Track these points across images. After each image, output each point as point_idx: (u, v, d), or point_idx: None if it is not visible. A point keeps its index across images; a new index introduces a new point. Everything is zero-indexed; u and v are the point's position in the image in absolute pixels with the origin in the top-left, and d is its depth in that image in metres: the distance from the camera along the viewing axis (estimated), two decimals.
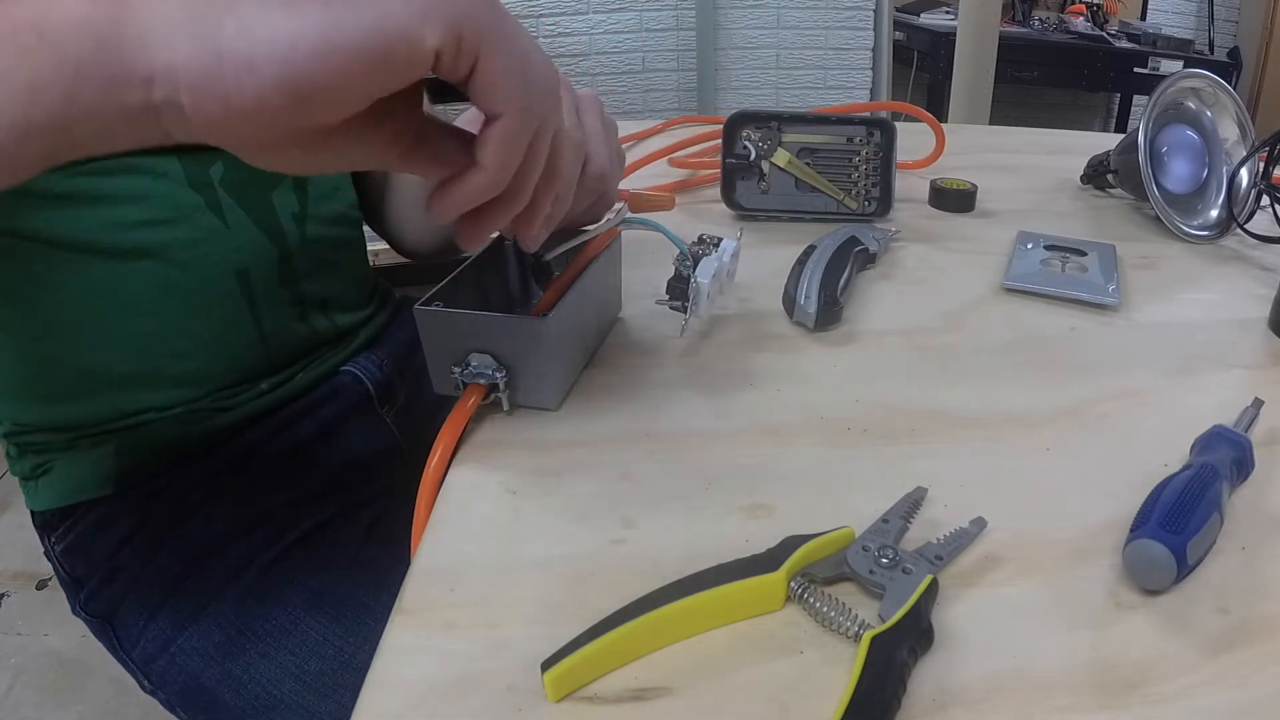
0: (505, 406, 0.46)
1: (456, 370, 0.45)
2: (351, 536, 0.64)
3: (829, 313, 0.55)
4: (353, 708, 0.31)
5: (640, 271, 0.59)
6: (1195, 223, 0.73)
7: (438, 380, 0.46)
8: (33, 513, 0.64)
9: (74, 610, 0.64)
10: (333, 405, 0.70)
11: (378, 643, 0.33)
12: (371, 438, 0.72)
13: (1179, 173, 0.76)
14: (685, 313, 0.51)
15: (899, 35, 2.96)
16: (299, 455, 0.67)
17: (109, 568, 0.61)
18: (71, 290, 0.56)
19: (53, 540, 0.63)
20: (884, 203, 0.72)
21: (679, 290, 0.51)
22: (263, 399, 0.66)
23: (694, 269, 0.51)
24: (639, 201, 0.51)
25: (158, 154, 0.56)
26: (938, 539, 0.37)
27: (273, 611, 0.58)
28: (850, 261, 0.60)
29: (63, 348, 0.58)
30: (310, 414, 0.68)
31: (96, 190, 0.55)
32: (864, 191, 0.73)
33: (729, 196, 0.74)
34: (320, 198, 0.67)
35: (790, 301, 0.56)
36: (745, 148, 0.72)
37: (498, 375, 0.44)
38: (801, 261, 0.59)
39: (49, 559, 0.64)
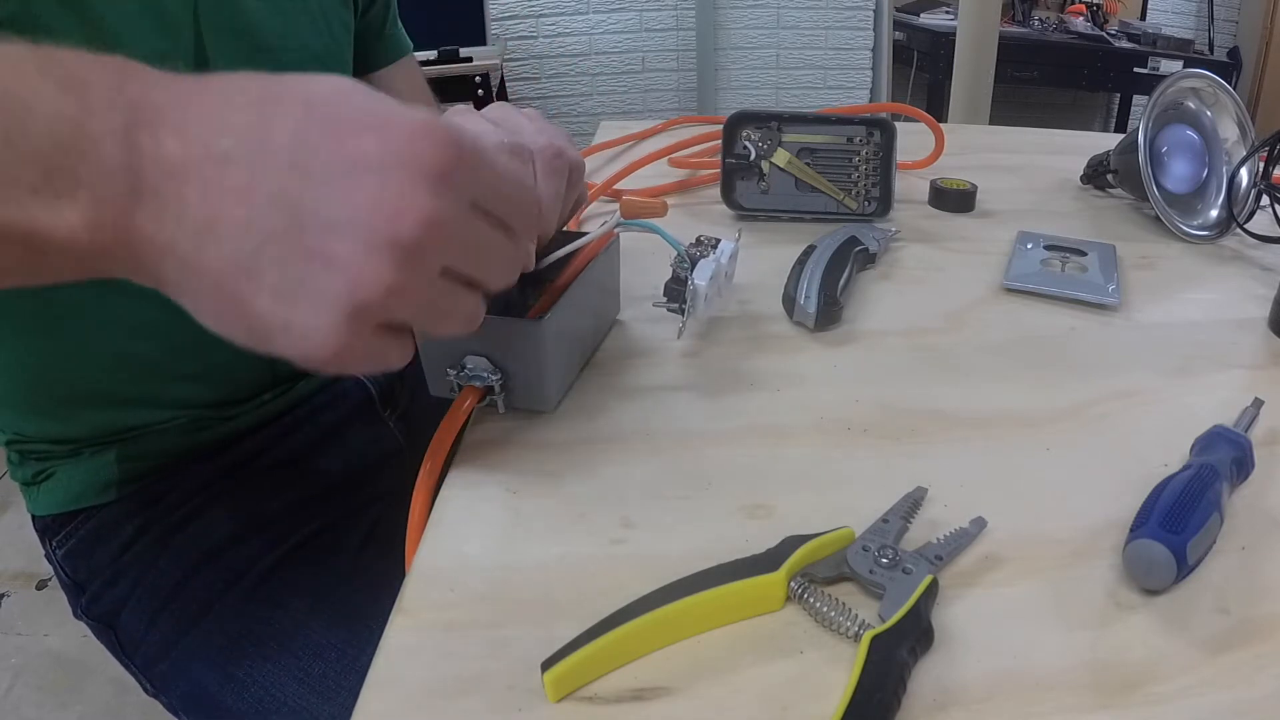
0: (501, 409, 0.46)
1: (452, 373, 0.45)
2: (354, 539, 0.64)
3: (829, 313, 0.55)
4: None
5: (640, 273, 0.59)
6: (1195, 223, 0.73)
7: (433, 383, 0.46)
8: (33, 517, 0.64)
9: (75, 614, 0.64)
10: (335, 410, 0.69)
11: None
12: (374, 441, 0.71)
13: (1179, 173, 0.76)
14: (682, 315, 0.51)
15: (899, 35, 2.96)
16: (301, 460, 0.67)
17: (110, 572, 0.61)
18: (75, 313, 0.56)
19: (54, 544, 0.63)
20: (884, 203, 0.72)
21: (676, 292, 0.51)
22: (265, 407, 0.65)
23: (691, 271, 0.51)
24: (631, 207, 0.51)
25: None
26: (938, 539, 0.37)
27: (275, 615, 0.57)
28: (850, 261, 0.60)
29: (66, 368, 0.58)
30: (313, 419, 0.68)
31: None
32: (864, 191, 0.73)
33: (729, 196, 0.73)
34: None
35: (790, 301, 0.56)
36: (745, 148, 0.72)
37: (493, 378, 0.44)
38: (801, 261, 0.59)
39: (50, 562, 0.64)
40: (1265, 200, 0.72)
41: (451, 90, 2.11)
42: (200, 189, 0.28)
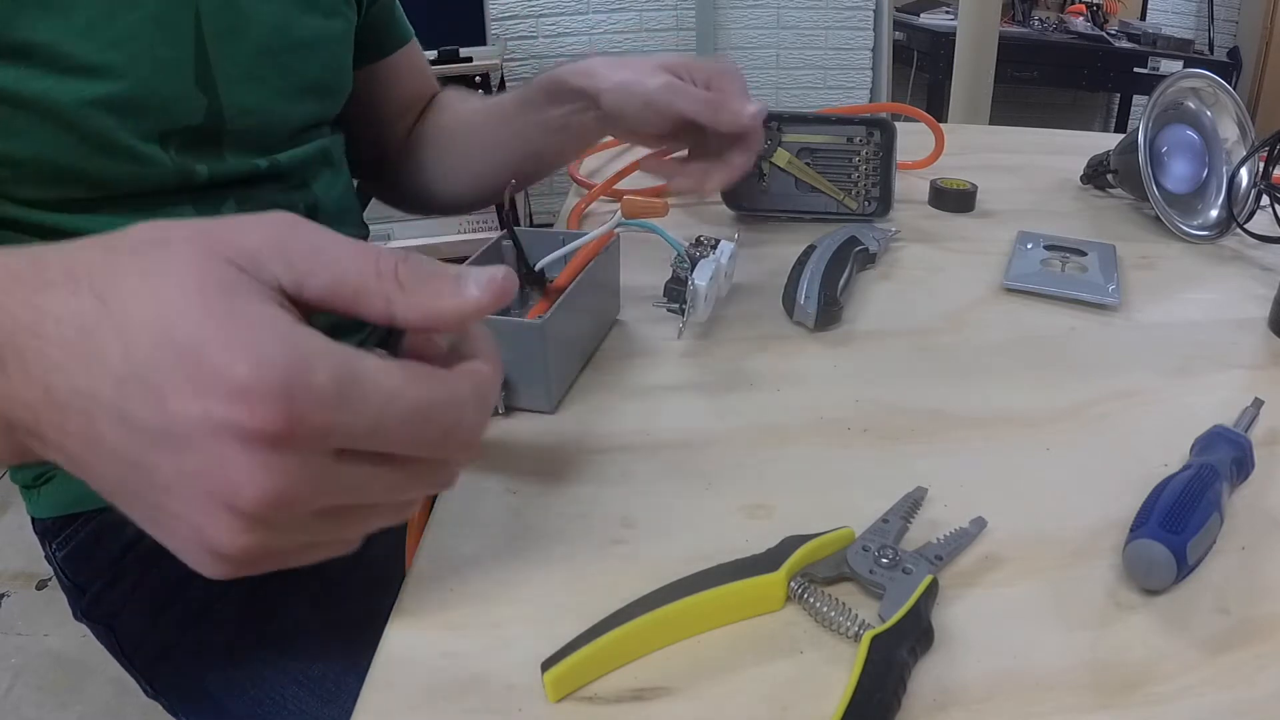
0: (501, 409, 0.46)
1: None
2: None
3: (829, 313, 0.55)
4: None
5: (641, 273, 0.59)
6: (1195, 223, 0.73)
7: None
8: (33, 519, 0.64)
9: (75, 616, 0.64)
10: None
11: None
12: None
13: (1179, 173, 0.76)
14: (682, 315, 0.51)
15: (899, 35, 2.96)
16: None
17: (110, 575, 0.61)
18: None
19: (54, 547, 0.63)
20: (884, 203, 0.72)
21: (676, 293, 0.51)
22: None
23: (691, 271, 0.51)
24: (632, 206, 0.51)
25: (170, 198, 0.56)
26: (938, 539, 0.37)
27: (274, 617, 0.57)
28: (850, 261, 0.60)
29: None
30: None
31: (107, 231, 0.54)
32: (864, 191, 0.73)
33: (729, 196, 0.73)
34: (329, 222, 0.66)
35: (790, 301, 0.56)
36: None
37: None
38: (801, 261, 0.59)
39: (50, 564, 0.64)
40: (1265, 200, 0.72)
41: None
42: (53, 431, 0.26)
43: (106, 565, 0.61)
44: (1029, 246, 0.67)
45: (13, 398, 0.26)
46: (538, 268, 0.50)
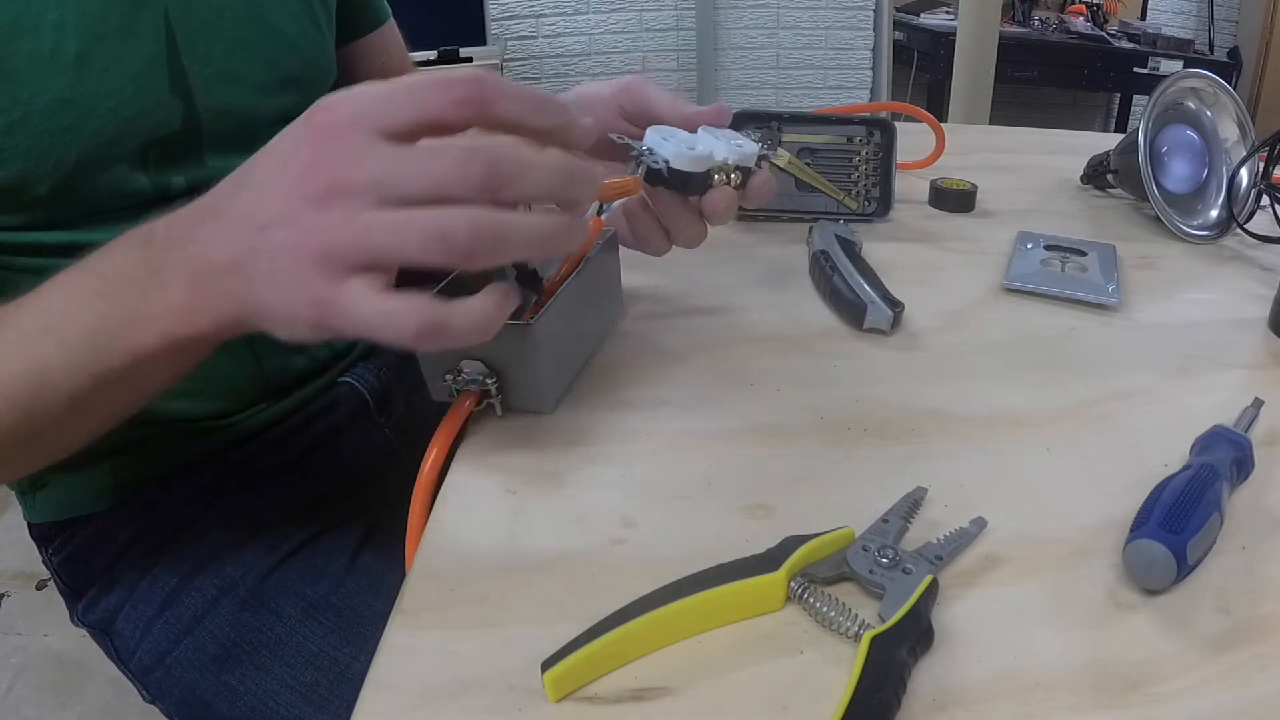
0: (499, 411, 0.46)
1: (449, 377, 0.45)
2: (348, 544, 0.63)
3: (897, 315, 0.55)
4: (349, 718, 0.31)
5: (644, 273, 0.59)
6: (1195, 223, 0.73)
7: (433, 387, 0.46)
8: (30, 524, 0.64)
9: (73, 620, 0.63)
10: (331, 416, 0.69)
11: (374, 651, 0.33)
12: (369, 447, 0.71)
13: (1179, 173, 0.76)
14: (639, 160, 0.48)
15: (899, 35, 2.97)
16: (297, 466, 0.66)
17: (106, 579, 0.61)
18: None
19: (50, 551, 0.63)
20: (884, 203, 0.72)
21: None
22: (260, 415, 0.65)
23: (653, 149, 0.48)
24: (605, 190, 0.50)
25: (149, 209, 0.56)
26: (938, 539, 0.37)
27: (268, 622, 0.57)
28: (863, 260, 0.60)
29: None
30: (308, 426, 0.67)
31: (90, 243, 0.54)
32: (864, 191, 0.73)
33: None
34: None
35: (854, 309, 0.55)
36: None
37: (488, 382, 0.45)
38: (824, 269, 0.58)
39: (47, 568, 0.64)
40: (1265, 200, 0.72)
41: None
42: (217, 239, 0.37)
43: (102, 570, 0.61)
44: (1029, 246, 0.67)
45: (208, 242, 0.37)
46: (531, 267, 0.50)
